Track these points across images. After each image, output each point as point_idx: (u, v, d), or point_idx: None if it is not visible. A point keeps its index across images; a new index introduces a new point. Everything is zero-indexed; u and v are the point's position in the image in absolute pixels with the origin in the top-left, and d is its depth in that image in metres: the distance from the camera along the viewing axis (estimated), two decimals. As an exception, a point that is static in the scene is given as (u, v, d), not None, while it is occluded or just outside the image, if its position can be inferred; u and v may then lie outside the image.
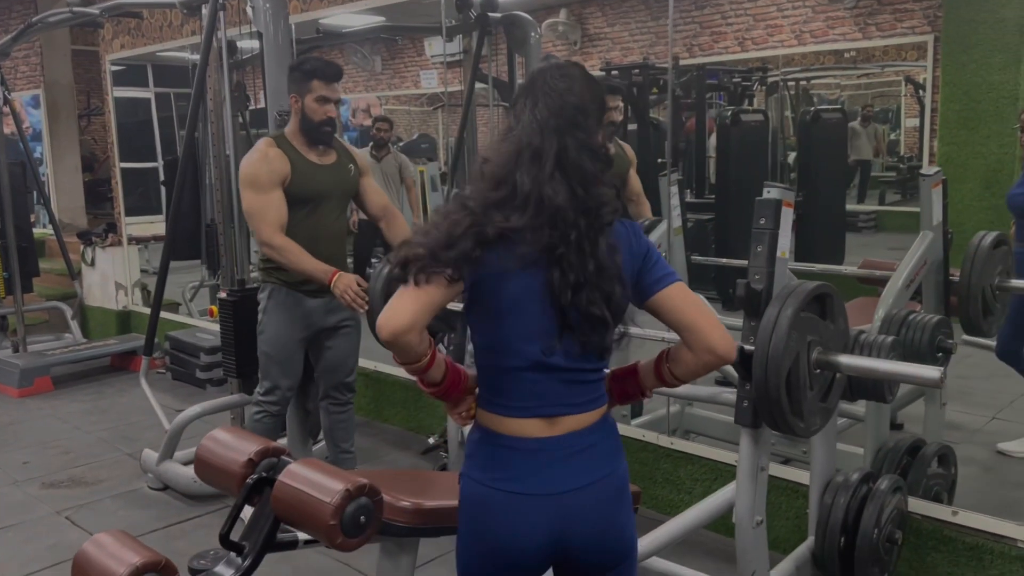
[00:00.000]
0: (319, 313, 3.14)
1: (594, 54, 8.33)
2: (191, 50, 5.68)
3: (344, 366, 3.29)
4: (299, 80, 3.00)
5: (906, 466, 2.75)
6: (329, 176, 3.08)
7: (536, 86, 1.53)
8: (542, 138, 1.48)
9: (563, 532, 1.52)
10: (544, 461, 1.52)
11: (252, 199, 2.97)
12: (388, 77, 11.07)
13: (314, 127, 3.01)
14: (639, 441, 3.27)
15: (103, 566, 1.69)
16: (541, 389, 1.52)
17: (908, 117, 8.86)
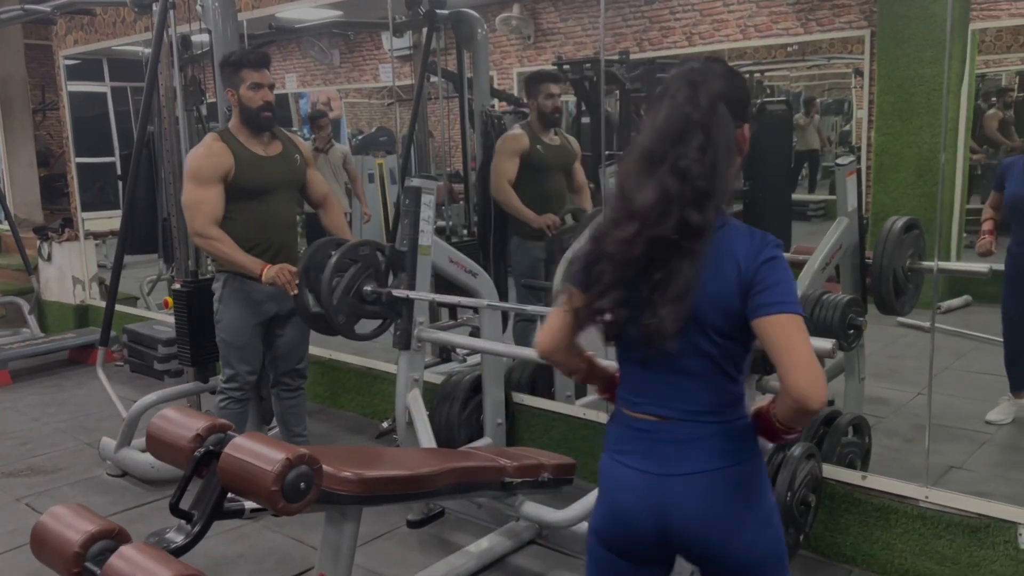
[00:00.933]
0: (272, 301, 3.25)
1: (547, 49, 8.48)
2: (144, 46, 5.74)
3: (295, 353, 3.39)
4: (229, 74, 3.11)
5: (822, 435, 2.95)
6: (275, 167, 3.18)
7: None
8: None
9: (664, 514, 1.53)
10: (655, 442, 1.55)
11: (191, 191, 3.08)
12: (347, 71, 11.12)
13: (253, 114, 3.10)
14: (581, 419, 3.44)
15: (59, 535, 1.82)
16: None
17: (859, 108, 9.14)
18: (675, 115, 1.50)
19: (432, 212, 3.01)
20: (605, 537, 1.63)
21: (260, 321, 3.27)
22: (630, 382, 1.62)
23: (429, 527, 3.15)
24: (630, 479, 1.57)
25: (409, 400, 3.01)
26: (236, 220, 3.13)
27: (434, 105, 5.31)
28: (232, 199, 3.12)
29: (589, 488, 2.66)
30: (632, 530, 1.58)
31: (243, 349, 3.27)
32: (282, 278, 3.03)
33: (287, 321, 3.33)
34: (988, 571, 2.50)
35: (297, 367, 3.42)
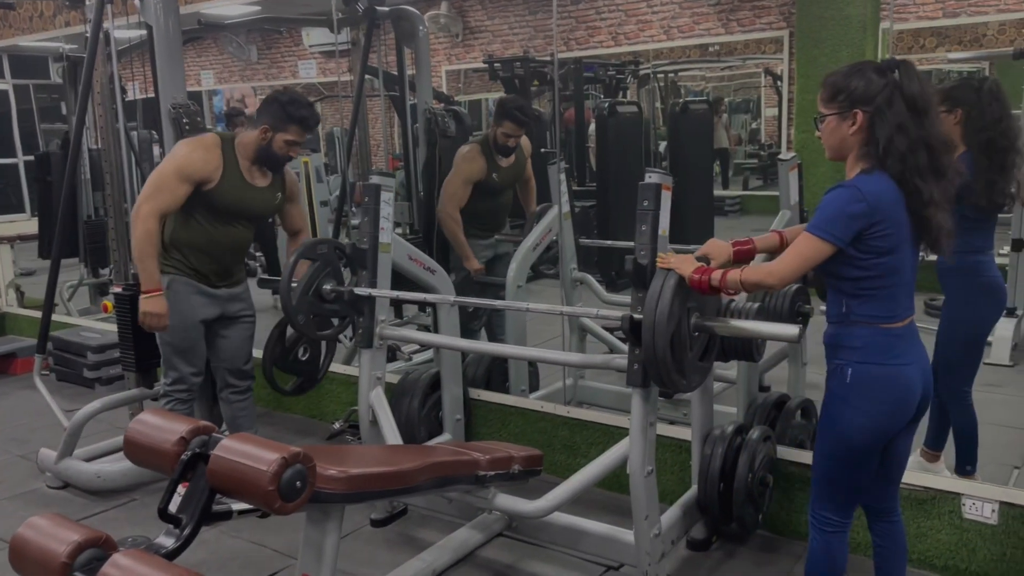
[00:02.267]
0: (219, 300, 3.22)
1: (476, 47, 8.51)
2: (67, 41, 5.52)
3: (240, 354, 3.35)
4: (279, 117, 3.04)
5: (774, 419, 3.08)
6: (256, 198, 3.15)
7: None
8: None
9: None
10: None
11: (164, 173, 2.99)
12: (265, 67, 10.90)
13: (273, 159, 3.10)
14: (538, 412, 3.49)
15: (42, 546, 1.76)
16: None
17: (768, 107, 9.48)
18: None
19: (391, 209, 3.01)
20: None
21: (206, 322, 3.22)
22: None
23: (393, 525, 3.15)
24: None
25: (372, 399, 3.00)
26: (195, 226, 3.09)
27: (370, 103, 5.29)
28: (199, 205, 3.06)
29: (554, 481, 2.72)
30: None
31: (189, 351, 3.21)
32: (147, 320, 3.05)
33: (234, 322, 3.29)
34: (935, 540, 2.67)
35: (243, 368, 3.38)
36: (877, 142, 1.92)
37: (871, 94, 1.92)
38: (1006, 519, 2.56)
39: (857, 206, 1.89)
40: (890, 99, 1.91)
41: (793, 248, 1.97)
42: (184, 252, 3.13)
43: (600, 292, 4.14)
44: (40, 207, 6.30)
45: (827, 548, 2.14)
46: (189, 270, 3.14)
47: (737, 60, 8.86)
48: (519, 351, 3.50)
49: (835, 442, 2.06)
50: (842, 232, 1.90)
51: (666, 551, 2.59)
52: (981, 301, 2.92)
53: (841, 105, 1.96)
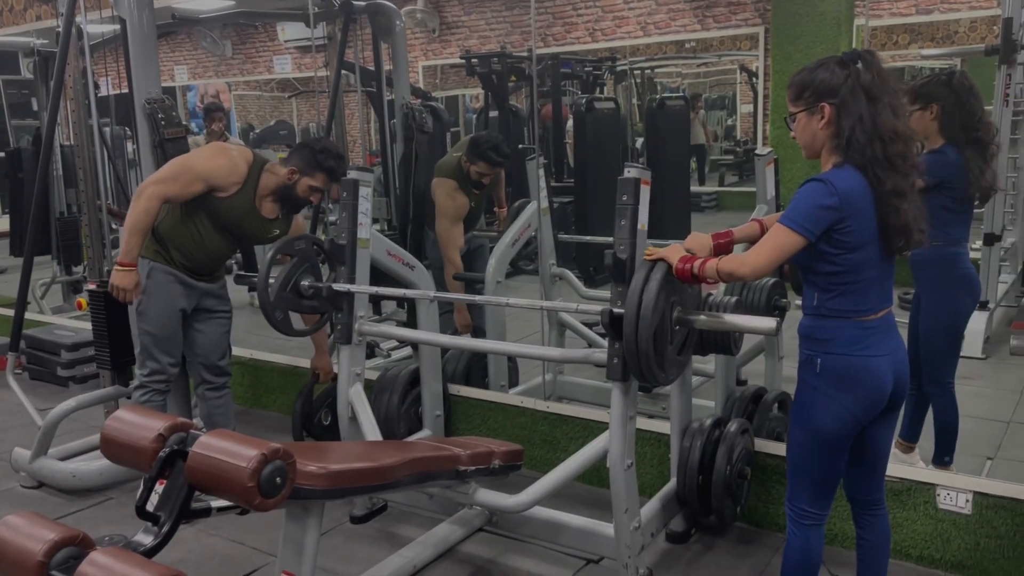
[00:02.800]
0: (197, 292, 3.22)
1: (452, 42, 8.51)
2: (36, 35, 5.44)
3: (216, 348, 3.34)
4: (309, 163, 3.10)
5: (751, 412, 3.11)
6: (256, 224, 3.18)
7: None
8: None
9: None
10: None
11: (187, 162, 3.04)
12: (239, 62, 10.82)
13: (293, 200, 3.16)
14: (518, 407, 3.49)
15: (18, 545, 1.74)
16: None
17: (743, 103, 9.57)
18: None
19: (370, 205, 3.00)
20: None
21: (180, 308, 3.22)
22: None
23: (373, 521, 3.14)
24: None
25: (352, 395, 2.99)
26: (190, 227, 3.12)
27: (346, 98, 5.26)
28: (202, 209, 3.08)
29: (534, 475, 2.73)
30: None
31: (167, 341, 3.21)
32: (118, 293, 3.05)
33: (210, 317, 3.29)
34: (910, 530, 2.70)
35: (219, 363, 3.36)
36: (844, 134, 1.95)
37: (835, 86, 1.93)
38: (980, 509, 2.60)
39: (829, 200, 1.90)
40: (853, 90, 1.93)
41: (766, 240, 1.98)
42: (169, 246, 3.14)
43: (579, 287, 4.15)
44: (11, 204, 6.22)
45: (805, 541, 2.16)
46: (172, 262, 3.16)
47: (713, 56, 8.93)
48: (499, 346, 3.50)
49: (806, 432, 2.08)
50: (813, 225, 1.91)
51: (646, 544, 2.60)
52: (958, 293, 2.96)
53: (808, 101, 1.97)
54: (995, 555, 2.59)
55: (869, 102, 1.92)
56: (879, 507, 2.24)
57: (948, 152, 2.82)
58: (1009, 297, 5.23)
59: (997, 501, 2.58)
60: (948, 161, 2.81)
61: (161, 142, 3.37)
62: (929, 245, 2.88)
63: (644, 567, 2.58)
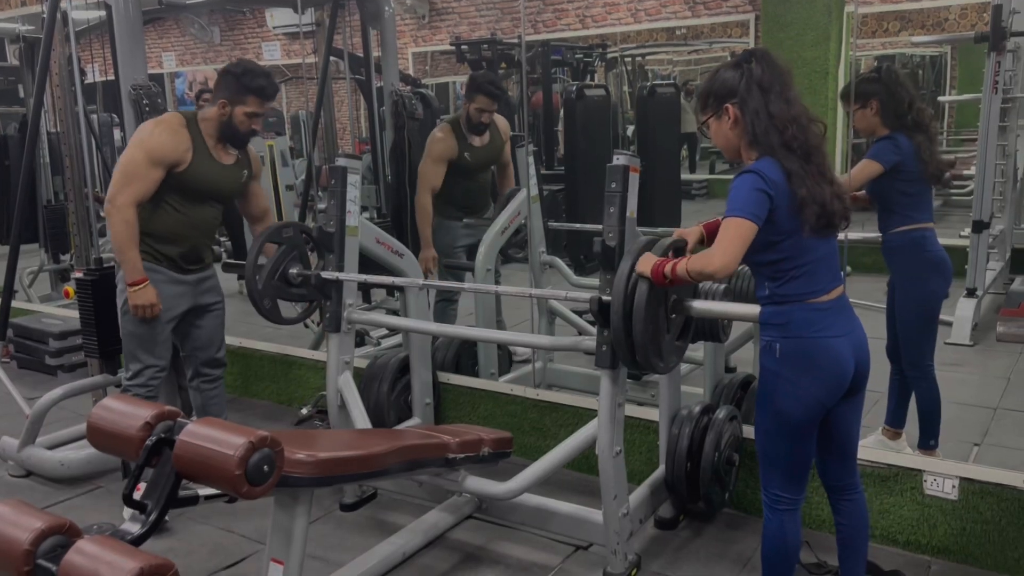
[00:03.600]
0: (189, 291, 3.11)
1: (442, 28, 8.47)
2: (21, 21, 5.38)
3: (213, 343, 3.27)
4: (235, 90, 2.94)
5: (740, 399, 3.12)
6: (226, 177, 3.07)
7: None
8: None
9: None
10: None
11: (134, 159, 2.89)
12: (228, 49, 10.75)
13: (237, 135, 3.01)
14: (508, 395, 3.50)
15: (5, 534, 1.72)
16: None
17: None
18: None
19: (358, 192, 2.99)
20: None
21: (174, 315, 3.09)
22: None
23: (363, 509, 3.15)
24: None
25: (341, 383, 2.99)
26: (165, 209, 2.98)
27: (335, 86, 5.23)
28: (171, 190, 2.96)
29: (523, 463, 2.73)
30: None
31: (153, 342, 3.07)
32: (142, 312, 2.96)
33: (206, 312, 3.20)
34: (897, 516, 2.72)
35: (216, 356, 3.29)
36: (749, 129, 2.03)
37: (733, 87, 2.04)
38: (966, 495, 2.62)
39: (761, 184, 1.96)
40: (748, 86, 2.02)
41: (722, 235, 1.97)
42: (153, 238, 3.01)
43: (569, 275, 4.15)
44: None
45: (780, 526, 2.18)
46: (159, 257, 3.03)
47: (704, 44, 8.91)
48: (488, 334, 3.50)
49: (772, 417, 2.10)
50: (757, 210, 1.95)
51: (634, 530, 2.62)
52: (930, 275, 3.00)
53: (713, 107, 2.08)
54: (981, 540, 2.61)
55: (763, 94, 2.01)
56: (854, 491, 2.27)
57: (898, 138, 2.93)
58: (997, 284, 5.26)
59: (983, 487, 2.60)
60: (899, 146, 2.92)
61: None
62: (895, 231, 2.94)
63: (633, 553, 2.60)
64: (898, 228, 3.00)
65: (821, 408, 2.08)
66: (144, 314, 2.96)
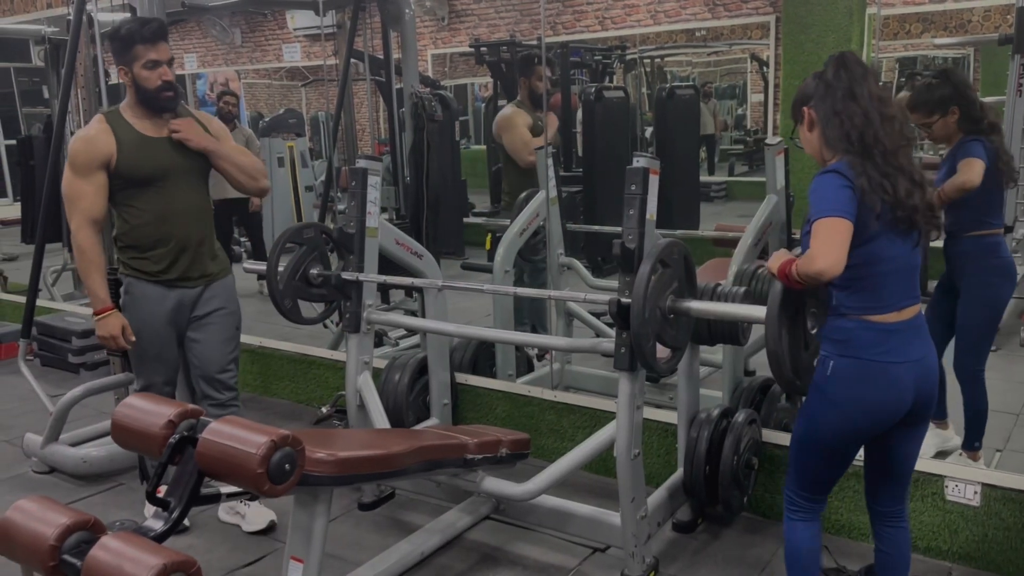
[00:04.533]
0: (185, 303, 2.89)
1: (461, 30, 8.49)
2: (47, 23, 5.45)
3: (213, 359, 2.93)
4: (119, 50, 2.68)
5: (759, 402, 3.11)
6: (172, 148, 2.77)
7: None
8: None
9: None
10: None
11: (68, 181, 2.71)
12: (249, 50, 10.81)
13: (151, 96, 2.70)
14: (525, 396, 3.50)
15: (30, 529, 1.75)
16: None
17: (754, 93, 9.52)
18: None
19: (379, 194, 3.00)
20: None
21: (174, 329, 2.90)
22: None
23: (381, 508, 3.16)
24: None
25: (360, 383, 3.01)
26: (131, 213, 2.77)
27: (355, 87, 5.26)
28: (121, 188, 2.74)
29: (540, 464, 2.74)
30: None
31: (157, 359, 2.90)
32: (109, 342, 2.79)
33: (205, 324, 2.92)
34: (918, 521, 2.70)
35: (218, 376, 2.94)
36: (825, 131, 2.01)
37: (809, 93, 2.05)
38: (988, 501, 2.60)
39: (843, 181, 1.92)
40: (823, 89, 2.01)
41: (816, 237, 1.86)
42: (134, 250, 2.82)
43: (587, 277, 4.15)
44: (23, 192, 6.24)
45: (792, 531, 2.15)
46: (145, 270, 2.83)
47: (724, 45, 8.87)
48: (506, 335, 3.51)
49: (806, 432, 2.08)
50: (847, 206, 1.89)
51: (652, 533, 2.61)
52: (1000, 282, 2.98)
53: (797, 114, 2.10)
54: (1003, 547, 2.59)
55: (833, 94, 1.99)
56: (900, 519, 2.19)
57: (982, 140, 2.87)
58: (1020, 289, 5.20)
59: (1005, 493, 2.58)
60: (986, 147, 2.86)
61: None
62: (968, 235, 2.83)
63: (650, 556, 2.59)
64: (971, 232, 2.94)
65: (861, 436, 2.04)
66: (112, 345, 2.81)
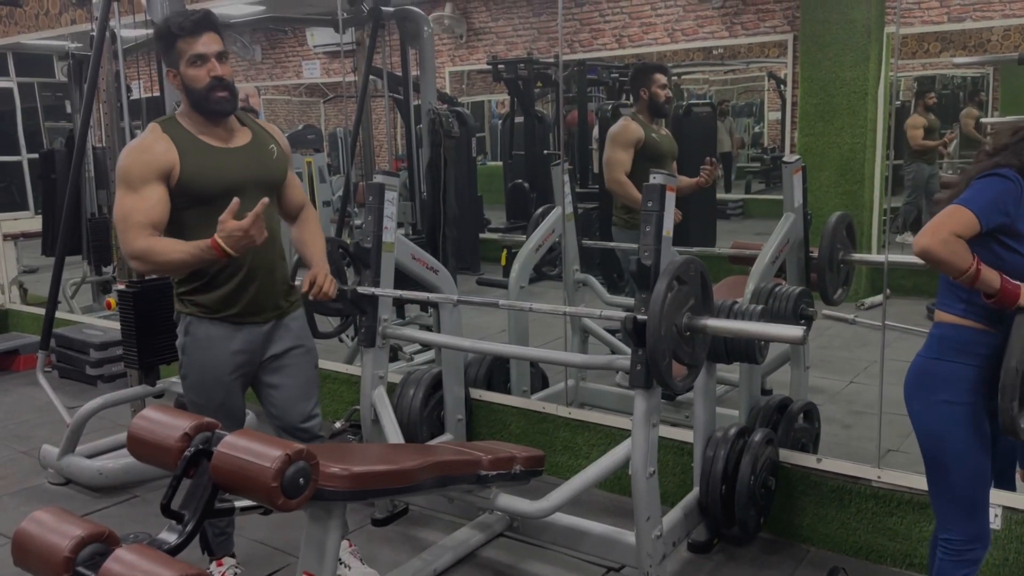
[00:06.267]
0: (256, 343, 2.49)
1: (479, 48, 8.55)
2: (72, 40, 5.53)
3: (297, 408, 2.59)
4: (164, 50, 2.35)
5: (776, 422, 3.08)
6: (241, 160, 2.40)
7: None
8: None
9: None
10: None
11: (119, 200, 2.29)
12: (269, 67, 10.93)
13: (202, 98, 2.32)
14: (540, 413, 3.49)
15: (45, 540, 1.75)
16: None
17: (771, 111, 9.51)
18: None
19: (395, 209, 3.02)
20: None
21: (240, 373, 2.49)
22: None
23: (394, 524, 3.15)
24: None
25: (375, 397, 3.00)
26: (192, 236, 2.30)
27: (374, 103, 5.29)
28: (183, 207, 2.33)
29: (555, 482, 2.72)
30: None
31: (220, 410, 2.47)
32: (240, 243, 2.17)
33: (281, 366, 2.54)
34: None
35: (303, 425, 2.60)
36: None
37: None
38: (1009, 524, 2.56)
39: (1010, 198, 1.89)
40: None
41: (939, 216, 1.89)
42: (197, 279, 2.42)
43: (602, 293, 4.14)
44: (44, 205, 6.32)
45: None
46: (207, 305, 2.44)
47: (741, 63, 8.87)
48: (521, 351, 3.50)
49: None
50: (990, 216, 1.88)
51: (667, 553, 2.59)
52: None
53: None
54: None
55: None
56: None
57: None
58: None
59: (1027, 516, 2.54)
60: None
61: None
62: None
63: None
64: None
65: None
66: (252, 237, 2.18)
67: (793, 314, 2.99)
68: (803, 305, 3.03)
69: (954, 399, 1.98)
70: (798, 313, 3.01)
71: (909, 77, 7.59)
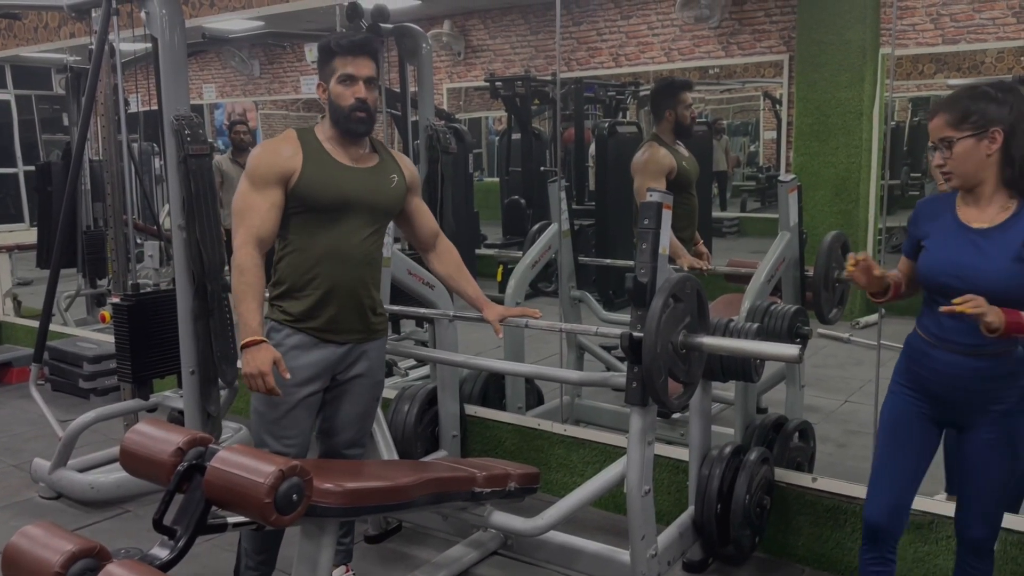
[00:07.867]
0: (330, 362, 2.46)
1: (477, 65, 8.59)
2: (70, 53, 5.54)
3: (345, 436, 2.58)
4: (321, 63, 2.44)
5: (771, 440, 3.07)
6: (359, 180, 2.43)
7: None
8: None
9: None
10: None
11: (240, 193, 2.40)
12: (267, 82, 10.95)
13: (343, 115, 2.39)
14: (535, 430, 3.48)
15: (35, 556, 1.74)
16: None
17: (766, 130, 9.55)
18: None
19: (392, 225, 3.01)
20: None
21: (313, 390, 2.45)
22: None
23: (387, 541, 3.13)
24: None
25: (369, 413, 2.99)
26: (296, 241, 2.41)
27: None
28: (294, 211, 2.40)
29: (549, 499, 2.71)
30: None
31: (279, 423, 2.43)
32: (255, 381, 2.27)
33: (342, 390, 2.52)
34: (932, 565, 2.65)
35: (346, 452, 2.60)
36: (1013, 161, 1.93)
37: (1003, 114, 1.92)
38: (1004, 545, 2.55)
39: None
40: (1020, 117, 1.92)
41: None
42: (287, 284, 2.44)
43: (598, 310, 4.15)
44: (40, 217, 6.29)
45: None
46: (292, 312, 2.43)
47: (736, 83, 8.91)
48: (517, 368, 3.49)
49: None
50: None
51: (662, 572, 2.57)
52: None
53: (975, 125, 1.93)
54: (1020, 593, 2.54)
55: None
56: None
57: None
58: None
59: (1022, 538, 2.53)
60: None
61: (185, 157, 3.40)
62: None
63: (660, 595, 2.55)
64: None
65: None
66: (258, 384, 2.27)
67: (789, 333, 3.00)
68: (799, 324, 3.04)
69: (891, 386, 2.22)
70: (794, 332, 3.02)
71: (904, 98, 7.64)
